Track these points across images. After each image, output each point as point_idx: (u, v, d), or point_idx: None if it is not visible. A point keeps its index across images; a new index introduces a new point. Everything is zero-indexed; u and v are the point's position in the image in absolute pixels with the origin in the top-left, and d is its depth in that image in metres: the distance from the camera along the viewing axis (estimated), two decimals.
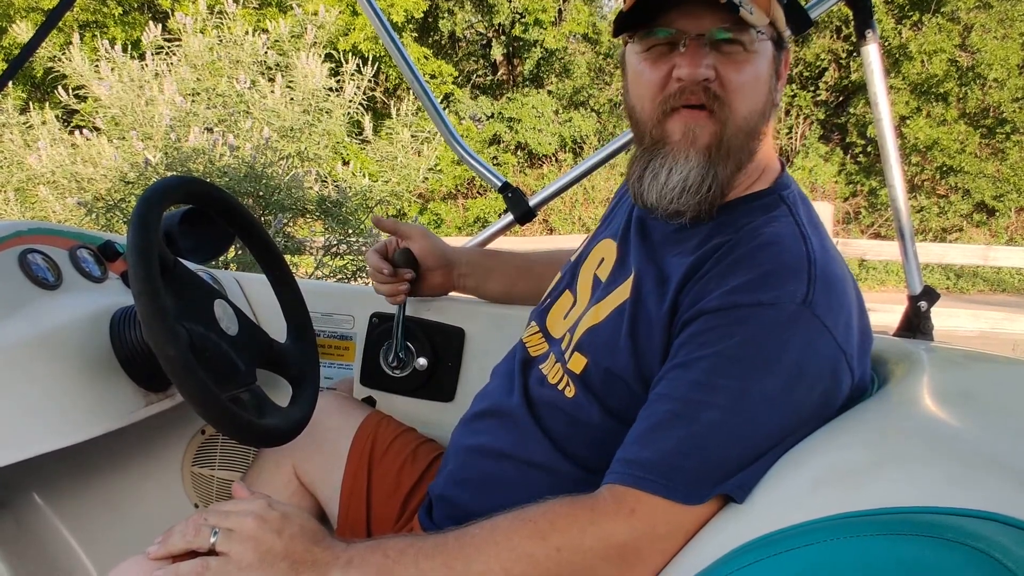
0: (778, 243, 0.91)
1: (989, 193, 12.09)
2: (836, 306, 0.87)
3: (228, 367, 1.10)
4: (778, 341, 0.83)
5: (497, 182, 1.79)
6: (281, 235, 4.40)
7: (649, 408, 0.88)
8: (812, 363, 0.84)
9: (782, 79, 1.00)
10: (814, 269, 0.87)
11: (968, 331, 5.21)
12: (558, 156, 13.67)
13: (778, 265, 0.88)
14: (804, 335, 0.84)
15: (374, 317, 1.54)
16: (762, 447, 0.82)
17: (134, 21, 11.16)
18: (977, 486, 0.60)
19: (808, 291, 0.85)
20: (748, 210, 0.98)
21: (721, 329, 0.85)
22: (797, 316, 0.84)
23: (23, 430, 1.03)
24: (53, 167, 4.62)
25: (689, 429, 0.83)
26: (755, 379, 0.83)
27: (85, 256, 1.33)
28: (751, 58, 0.92)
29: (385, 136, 5.27)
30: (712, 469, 0.81)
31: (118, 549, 1.05)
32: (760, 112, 0.95)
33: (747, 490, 0.80)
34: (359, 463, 1.28)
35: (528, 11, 13.21)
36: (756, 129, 0.96)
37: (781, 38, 0.98)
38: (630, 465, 0.84)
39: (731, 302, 0.86)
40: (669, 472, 0.81)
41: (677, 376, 0.87)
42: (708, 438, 0.82)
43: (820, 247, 0.92)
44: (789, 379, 0.83)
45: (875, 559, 0.52)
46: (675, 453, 0.82)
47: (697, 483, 0.81)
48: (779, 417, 0.83)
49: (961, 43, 12.12)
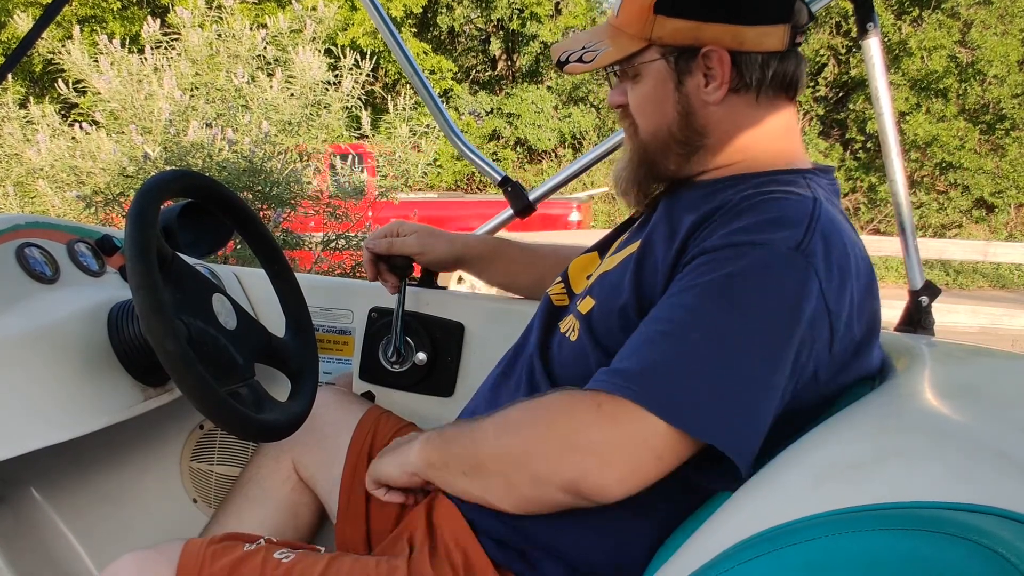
0: (786, 199, 0.93)
1: (988, 189, 12.08)
2: (832, 263, 0.88)
3: (227, 362, 1.10)
4: (765, 279, 0.86)
5: (497, 176, 1.79)
6: (280, 229, 4.40)
7: (640, 328, 0.91)
8: (797, 307, 0.85)
9: (717, 79, 1.00)
10: (815, 223, 0.89)
11: (968, 327, 5.21)
12: (557, 152, 13.65)
13: (781, 214, 0.91)
14: (792, 277, 0.86)
15: (373, 312, 1.54)
16: (739, 383, 0.84)
17: (133, 16, 11.14)
18: (980, 481, 0.59)
19: (804, 239, 0.87)
20: (769, 180, 0.99)
21: (716, 263, 0.88)
22: (789, 259, 0.86)
23: (21, 425, 1.03)
24: (52, 161, 4.61)
25: (673, 347, 0.86)
26: (738, 312, 0.86)
27: (83, 250, 1.33)
28: (640, 82, 1.05)
29: (384, 131, 5.26)
30: (688, 388, 0.84)
31: (116, 544, 1.05)
32: (671, 122, 1.03)
33: (722, 427, 0.82)
34: (359, 458, 1.28)
35: (525, 5, 13.19)
36: (675, 135, 1.04)
37: (687, 48, 1.00)
38: (614, 375, 0.87)
39: (729, 241, 0.89)
40: (648, 382, 0.84)
41: (670, 303, 0.90)
42: (689, 357, 0.85)
43: (830, 216, 0.93)
44: (770, 316, 0.85)
45: (877, 554, 0.52)
46: (656, 365, 0.85)
47: (673, 398, 0.83)
48: (757, 352, 0.84)
49: (961, 39, 12.10)
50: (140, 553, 1.00)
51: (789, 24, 1.00)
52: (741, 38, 0.99)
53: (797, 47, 1.03)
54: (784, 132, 1.05)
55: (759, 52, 1.00)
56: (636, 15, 1.01)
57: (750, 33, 0.99)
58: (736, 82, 1.01)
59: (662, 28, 1.00)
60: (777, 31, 1.00)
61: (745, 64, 1.00)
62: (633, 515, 0.94)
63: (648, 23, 1.00)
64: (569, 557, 0.96)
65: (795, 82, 1.04)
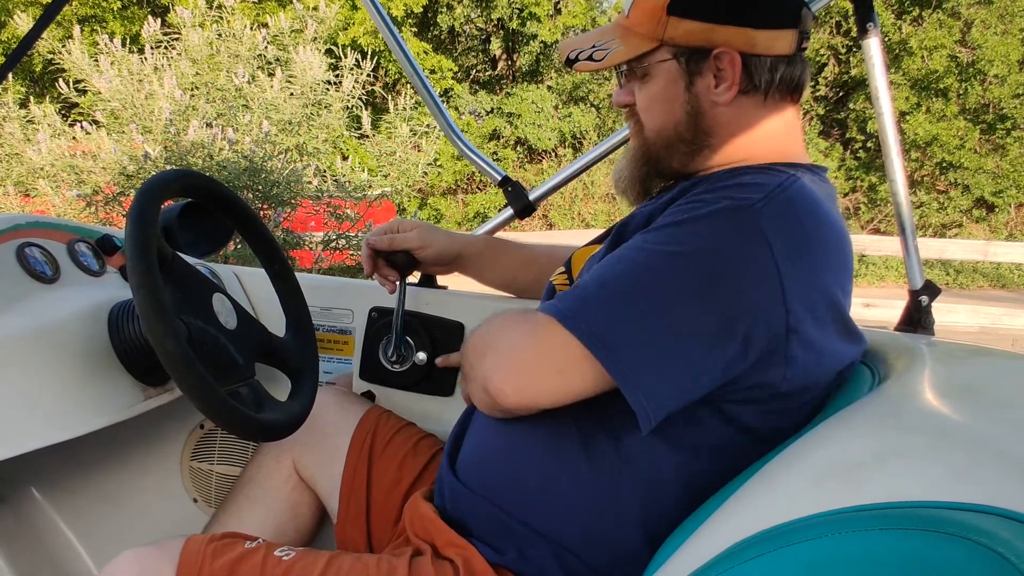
0: (759, 174, 0.97)
1: (989, 189, 12.07)
2: (787, 229, 0.88)
3: (227, 361, 1.10)
4: (707, 225, 0.88)
5: (497, 176, 1.79)
6: (280, 229, 4.40)
7: None
8: (732, 258, 0.86)
9: (727, 80, 1.01)
10: (780, 192, 0.91)
11: (968, 327, 5.21)
12: (558, 151, 13.65)
13: (746, 183, 0.94)
14: (735, 230, 0.87)
15: (373, 311, 1.54)
16: (649, 311, 0.85)
17: (133, 15, 11.14)
18: (980, 480, 0.59)
19: (760, 201, 0.89)
20: (759, 169, 1.01)
21: (668, 215, 0.93)
22: (737, 212, 0.88)
23: (21, 425, 1.03)
24: (52, 160, 4.61)
25: (600, 272, 0.91)
26: (670, 246, 0.88)
27: (83, 250, 1.33)
28: (648, 81, 1.05)
29: (384, 131, 5.26)
30: (598, 307, 0.87)
31: (116, 544, 1.05)
32: (678, 122, 1.04)
33: (623, 351, 0.84)
34: (359, 458, 1.28)
35: (525, 5, 13.19)
36: (682, 135, 1.05)
37: (698, 49, 1.01)
38: (555, 299, 0.92)
39: (688, 199, 0.94)
40: (567, 300, 0.89)
41: (625, 244, 0.94)
42: (608, 280, 0.89)
43: (805, 190, 0.93)
44: (701, 260, 0.86)
45: (877, 554, 0.52)
46: (580, 287, 0.91)
47: (582, 312, 0.87)
48: (675, 287, 0.86)
49: (961, 39, 12.09)
50: (141, 550, 1.00)
51: (798, 29, 1.02)
52: (753, 41, 1.00)
53: (803, 51, 1.04)
54: (785, 132, 1.06)
55: (769, 55, 1.01)
56: (648, 15, 1.02)
57: (761, 37, 1.00)
58: (745, 84, 1.02)
59: (675, 29, 1.00)
60: (786, 35, 1.01)
61: (755, 67, 1.01)
62: (631, 511, 0.94)
63: (661, 23, 1.01)
64: (567, 556, 0.96)
65: (800, 85, 1.05)
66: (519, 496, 0.99)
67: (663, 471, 0.94)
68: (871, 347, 1.09)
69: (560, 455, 0.97)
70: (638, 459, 0.94)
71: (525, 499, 0.99)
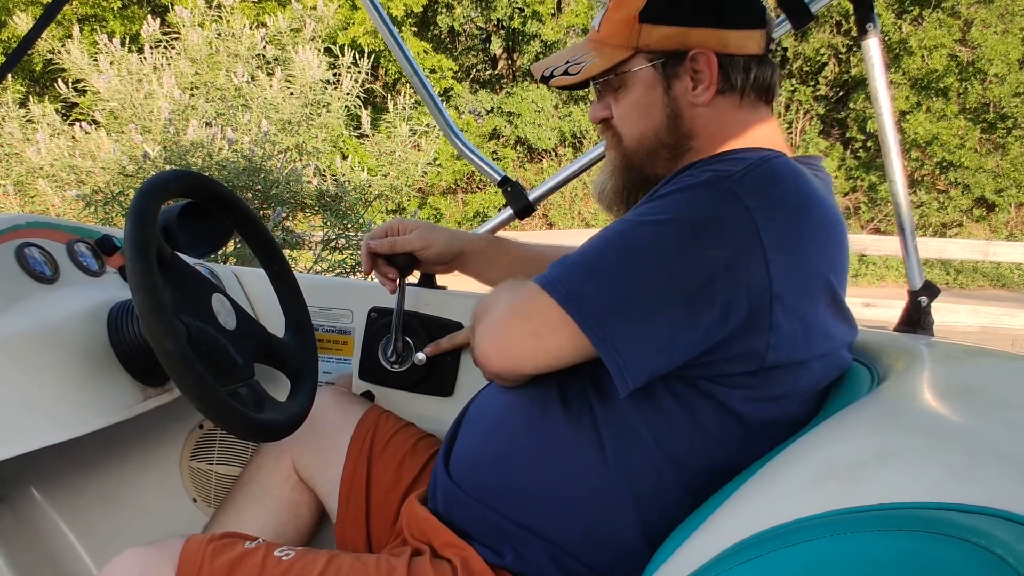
0: (747, 152, 0.99)
1: (989, 188, 12.08)
2: (771, 196, 0.89)
3: (226, 361, 1.10)
4: (685, 197, 0.91)
5: (496, 176, 1.79)
6: (280, 229, 4.40)
7: None
8: (708, 223, 0.88)
9: (704, 81, 1.03)
10: (761, 163, 0.92)
11: (968, 326, 5.21)
12: (558, 151, 13.65)
13: (728, 158, 0.96)
14: (711, 198, 0.89)
15: (372, 312, 1.54)
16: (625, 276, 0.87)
17: (133, 15, 11.14)
18: (978, 481, 0.59)
19: (739, 172, 0.90)
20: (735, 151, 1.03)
21: (655, 192, 0.96)
22: (714, 183, 0.90)
23: (20, 425, 1.03)
24: (52, 160, 4.62)
25: (584, 245, 0.93)
26: (649, 216, 0.91)
27: (82, 250, 1.33)
28: (626, 91, 1.07)
29: (384, 130, 5.26)
30: (576, 273, 0.90)
31: (116, 543, 1.05)
32: (659, 127, 1.05)
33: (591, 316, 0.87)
34: (359, 458, 1.28)
35: (527, 4, 13.18)
36: (663, 140, 1.06)
37: (674, 53, 1.03)
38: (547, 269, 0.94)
39: (674, 179, 0.96)
40: (551, 268, 0.92)
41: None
42: (588, 249, 0.92)
43: (788, 165, 0.95)
44: (677, 225, 0.88)
45: (876, 555, 0.52)
46: (564, 257, 0.93)
47: (561, 277, 0.90)
48: (651, 252, 0.87)
49: (961, 38, 12.10)
50: (141, 549, 1.00)
51: (764, 30, 1.05)
52: (725, 41, 1.02)
53: (770, 53, 1.07)
54: (766, 132, 1.07)
55: (741, 55, 1.03)
56: (621, 26, 1.05)
57: (732, 37, 1.02)
58: (722, 84, 1.04)
59: (648, 36, 1.03)
60: (755, 35, 1.04)
61: (730, 66, 1.03)
62: (628, 510, 0.94)
63: (634, 31, 1.03)
64: (565, 557, 0.96)
65: (772, 88, 1.08)
66: (514, 497, 0.99)
67: (659, 469, 0.94)
68: (870, 347, 1.09)
69: (556, 455, 0.97)
70: (633, 456, 0.94)
71: (520, 500, 0.99)
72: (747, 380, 0.92)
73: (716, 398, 0.93)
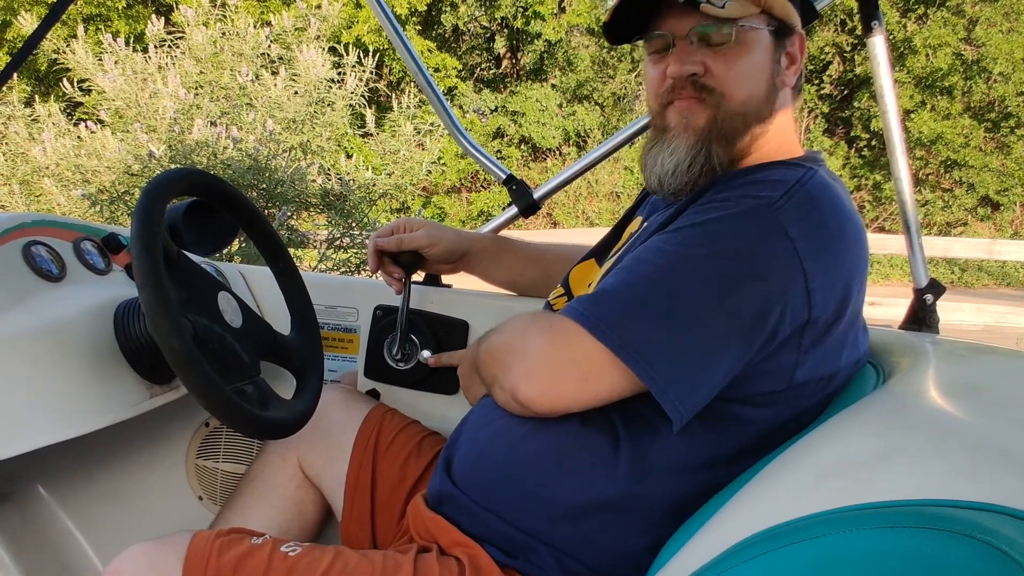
0: (780, 168, 0.96)
1: (994, 187, 12.05)
2: (808, 224, 0.89)
3: (232, 359, 1.10)
4: (729, 226, 0.88)
5: (501, 175, 1.79)
6: (285, 228, 4.40)
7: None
8: (756, 256, 0.86)
9: (795, 63, 1.04)
10: (799, 187, 0.91)
11: (972, 325, 5.20)
12: (562, 150, 13.64)
13: (766, 179, 0.93)
14: (756, 229, 0.88)
15: (378, 310, 1.54)
16: (678, 317, 0.85)
17: (138, 14, 11.14)
18: (984, 478, 0.59)
19: (780, 199, 0.89)
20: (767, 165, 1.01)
21: (688, 216, 0.92)
22: (757, 212, 0.88)
23: (27, 422, 1.03)
24: (57, 159, 4.62)
25: (623, 276, 0.90)
26: (693, 249, 0.88)
27: (89, 248, 1.33)
28: (740, 49, 0.99)
29: (388, 129, 5.26)
30: (625, 313, 0.87)
31: (122, 541, 1.05)
32: (760, 97, 1.01)
33: (649, 356, 0.84)
34: (364, 456, 1.28)
35: (530, 3, 13.16)
36: (758, 112, 1.01)
37: (784, 24, 1.01)
38: (575, 302, 0.91)
39: (710, 198, 0.93)
40: (593, 305, 0.89)
41: (643, 246, 0.94)
42: (632, 284, 0.89)
43: (823, 183, 0.94)
44: (726, 260, 0.87)
45: (882, 552, 0.52)
46: (602, 291, 0.90)
47: (609, 319, 0.86)
48: (703, 290, 0.86)
49: (966, 37, 12.06)
50: (148, 544, 1.00)
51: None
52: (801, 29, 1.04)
53: None
54: (794, 127, 1.08)
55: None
56: None
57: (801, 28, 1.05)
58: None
59: (775, 0, 1.00)
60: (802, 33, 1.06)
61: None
62: (632, 513, 0.94)
63: None
64: (568, 560, 0.96)
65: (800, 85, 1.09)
66: (517, 502, 0.98)
67: (670, 474, 0.94)
68: (876, 346, 1.09)
69: (558, 460, 0.97)
70: (643, 463, 0.94)
71: (523, 505, 0.98)
72: (774, 397, 0.92)
73: (741, 417, 0.93)
